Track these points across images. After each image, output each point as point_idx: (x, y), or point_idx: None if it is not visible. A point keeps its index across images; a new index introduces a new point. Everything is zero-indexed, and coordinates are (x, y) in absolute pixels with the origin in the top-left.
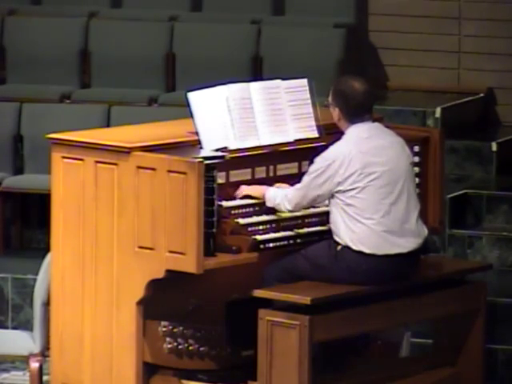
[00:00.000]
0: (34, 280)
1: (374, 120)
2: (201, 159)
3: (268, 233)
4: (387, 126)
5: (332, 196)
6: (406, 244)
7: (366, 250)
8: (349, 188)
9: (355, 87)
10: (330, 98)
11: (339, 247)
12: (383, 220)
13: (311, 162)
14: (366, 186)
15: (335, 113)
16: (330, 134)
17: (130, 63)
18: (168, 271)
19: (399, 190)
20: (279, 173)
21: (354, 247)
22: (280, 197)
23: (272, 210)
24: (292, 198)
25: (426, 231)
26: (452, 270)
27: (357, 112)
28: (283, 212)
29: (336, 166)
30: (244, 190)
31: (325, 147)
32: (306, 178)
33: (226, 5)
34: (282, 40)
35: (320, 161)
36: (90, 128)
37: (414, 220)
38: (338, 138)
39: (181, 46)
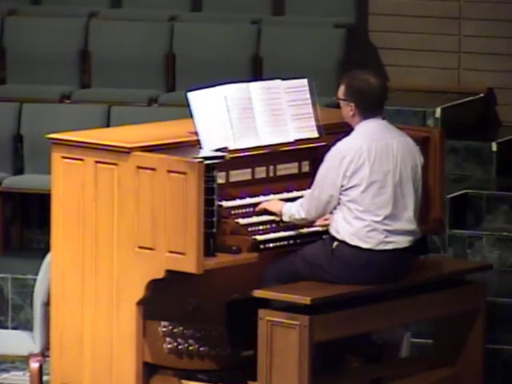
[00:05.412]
0: (34, 280)
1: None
2: (201, 159)
3: (268, 233)
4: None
5: None
6: (401, 241)
7: (363, 245)
8: (355, 184)
9: (371, 82)
10: (342, 94)
11: (335, 244)
12: (385, 219)
13: (318, 162)
14: (371, 184)
15: (348, 108)
16: (330, 134)
17: (130, 63)
18: (168, 271)
19: (402, 191)
20: (279, 173)
21: (352, 242)
22: (295, 206)
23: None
24: (305, 203)
25: (419, 233)
26: (452, 270)
27: (373, 107)
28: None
29: (347, 161)
30: (263, 204)
31: (325, 147)
32: (318, 178)
33: (225, 5)
34: (282, 40)
35: (331, 157)
36: (90, 128)
37: (412, 220)
38: (348, 133)
39: (181, 46)
